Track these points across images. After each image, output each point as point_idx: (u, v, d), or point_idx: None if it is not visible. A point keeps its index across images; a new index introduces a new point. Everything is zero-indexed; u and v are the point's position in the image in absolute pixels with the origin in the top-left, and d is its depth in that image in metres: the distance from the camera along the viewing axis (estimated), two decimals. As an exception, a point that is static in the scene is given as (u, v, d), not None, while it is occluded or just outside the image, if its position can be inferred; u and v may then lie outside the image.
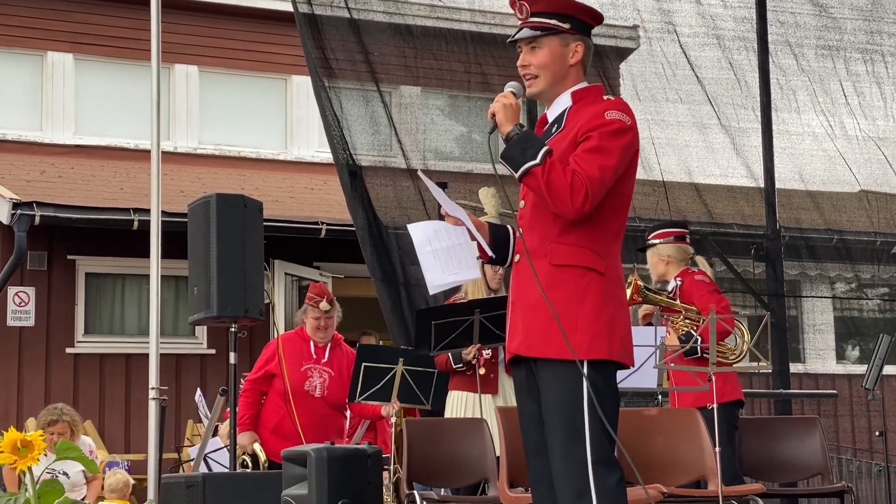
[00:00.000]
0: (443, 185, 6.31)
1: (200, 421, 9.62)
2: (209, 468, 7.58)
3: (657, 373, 5.78)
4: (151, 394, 6.40)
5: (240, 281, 6.34)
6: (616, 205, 3.60)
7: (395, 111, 7.78)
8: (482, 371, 6.24)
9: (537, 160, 3.46)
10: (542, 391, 3.55)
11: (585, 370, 3.48)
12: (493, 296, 6.35)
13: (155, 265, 6.51)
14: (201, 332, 11.41)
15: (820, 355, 12.42)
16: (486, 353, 6.25)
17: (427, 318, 6.14)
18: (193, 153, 13.66)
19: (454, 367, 6.27)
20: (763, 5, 8.77)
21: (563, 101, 3.70)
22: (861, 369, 11.48)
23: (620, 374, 5.54)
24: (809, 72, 8.80)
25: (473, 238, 3.71)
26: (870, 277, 10.07)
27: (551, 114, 3.74)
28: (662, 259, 6.41)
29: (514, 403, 6.14)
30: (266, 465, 6.60)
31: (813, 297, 9.68)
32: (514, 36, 3.73)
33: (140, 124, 10.28)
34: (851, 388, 11.21)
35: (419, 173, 3.95)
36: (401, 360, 6.31)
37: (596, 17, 3.81)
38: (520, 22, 3.73)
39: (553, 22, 3.66)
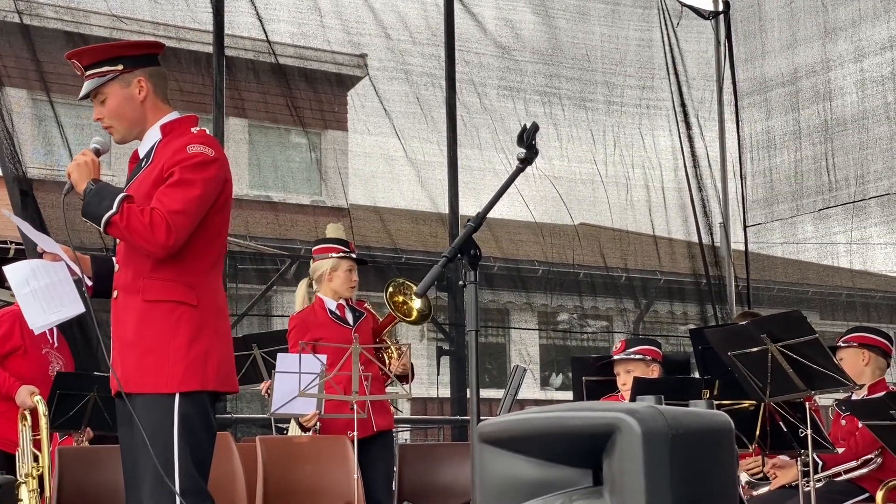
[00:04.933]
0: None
1: None
2: None
3: (316, 399, 5.83)
4: None
5: None
6: (209, 235, 3.64)
7: (69, 129, 7.53)
8: None
9: (114, 209, 3.47)
10: (137, 423, 3.54)
11: (177, 402, 3.49)
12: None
13: None
14: None
15: (525, 382, 12.94)
16: None
17: None
18: None
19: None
20: (451, 44, 9.09)
21: (153, 136, 3.73)
22: (563, 396, 11.98)
23: (280, 399, 5.61)
24: (491, 110, 9.17)
25: (74, 273, 3.68)
26: (577, 307, 10.58)
27: (142, 149, 3.77)
28: None
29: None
30: (47, 415, 5.85)
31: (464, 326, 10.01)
32: (81, 94, 3.75)
33: None
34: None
35: (4, 212, 3.88)
36: (95, 387, 6.06)
37: (152, 45, 3.85)
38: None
39: (104, 69, 3.67)
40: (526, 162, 3.38)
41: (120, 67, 3.67)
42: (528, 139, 3.31)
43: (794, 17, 9.81)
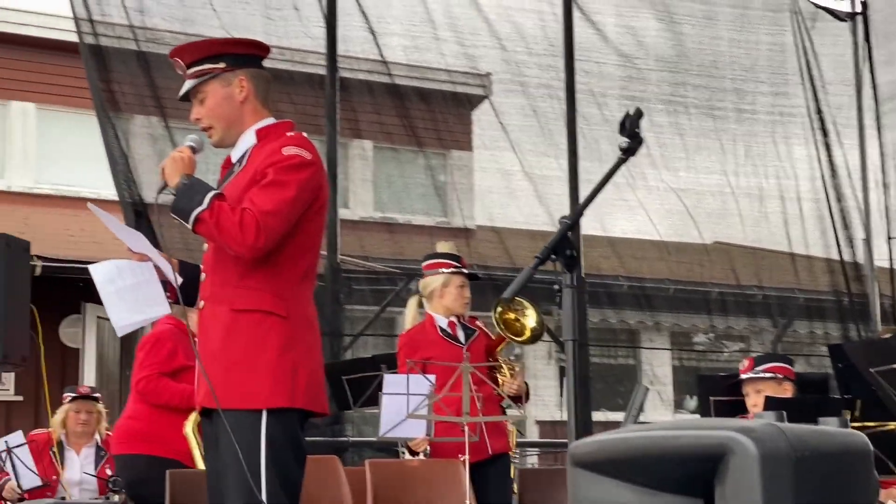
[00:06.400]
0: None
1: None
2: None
3: (426, 422, 5.59)
4: None
5: (-3, 326, 5.97)
6: (302, 245, 3.44)
7: (183, 150, 7.51)
8: None
9: (204, 205, 3.29)
10: (221, 443, 3.35)
11: (265, 420, 3.29)
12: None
13: None
14: (8, 378, 10.90)
15: (654, 405, 12.53)
16: None
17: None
18: (29, 192, 13.22)
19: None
20: (570, 54, 8.80)
21: (248, 140, 3.55)
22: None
23: (388, 422, 5.37)
24: (613, 122, 8.81)
25: (163, 276, 3.52)
26: (710, 327, 10.16)
27: (235, 154, 3.59)
28: None
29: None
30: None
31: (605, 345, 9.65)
32: (181, 93, 3.60)
33: None
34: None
35: (89, 206, 3.72)
36: None
37: (258, 46, 3.68)
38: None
39: (206, 66, 3.52)
40: (629, 152, 3.11)
41: (222, 65, 3.52)
42: (630, 127, 3.02)
43: (937, 15, 9.26)
